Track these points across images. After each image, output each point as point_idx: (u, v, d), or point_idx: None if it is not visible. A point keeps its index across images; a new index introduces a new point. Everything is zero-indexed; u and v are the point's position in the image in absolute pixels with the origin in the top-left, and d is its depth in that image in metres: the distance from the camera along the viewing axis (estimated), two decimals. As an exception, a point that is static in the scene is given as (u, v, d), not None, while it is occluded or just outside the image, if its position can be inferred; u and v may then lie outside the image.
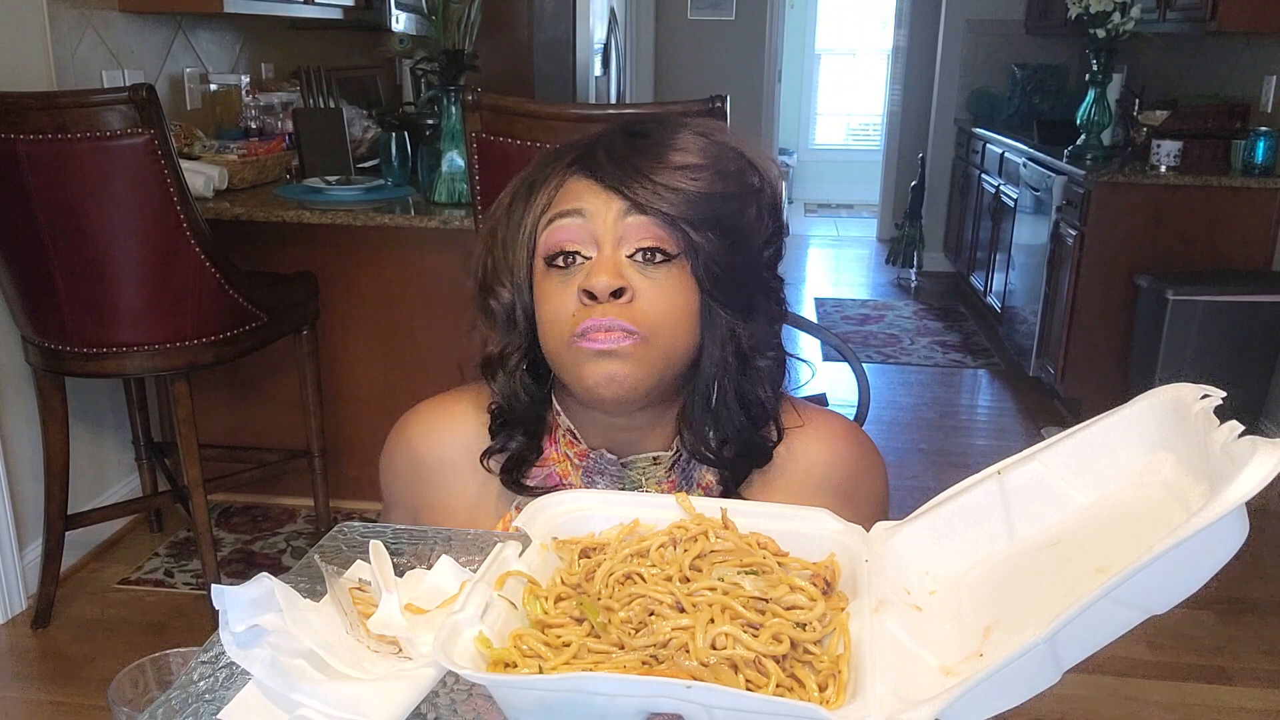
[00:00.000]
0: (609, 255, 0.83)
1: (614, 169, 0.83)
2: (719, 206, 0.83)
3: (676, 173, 0.83)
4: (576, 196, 0.85)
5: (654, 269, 0.83)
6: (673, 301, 0.84)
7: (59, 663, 2.29)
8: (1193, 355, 3.23)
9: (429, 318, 2.73)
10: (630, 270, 0.83)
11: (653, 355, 0.84)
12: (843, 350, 1.41)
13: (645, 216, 0.83)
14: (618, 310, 0.82)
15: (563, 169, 0.88)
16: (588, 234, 0.84)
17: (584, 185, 0.85)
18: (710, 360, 0.88)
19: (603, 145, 0.86)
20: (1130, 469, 0.66)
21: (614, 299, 0.82)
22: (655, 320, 0.83)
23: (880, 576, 0.68)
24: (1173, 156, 3.50)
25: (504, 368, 0.91)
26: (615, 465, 0.92)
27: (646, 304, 0.83)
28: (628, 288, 0.82)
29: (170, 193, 2.10)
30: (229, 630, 0.63)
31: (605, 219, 0.83)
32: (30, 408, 2.41)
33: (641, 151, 0.84)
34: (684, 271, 0.84)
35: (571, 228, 0.84)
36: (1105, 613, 0.54)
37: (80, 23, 2.59)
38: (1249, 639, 2.42)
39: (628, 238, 0.83)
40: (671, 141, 0.85)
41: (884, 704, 0.55)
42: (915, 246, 5.84)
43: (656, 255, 0.83)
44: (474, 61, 2.55)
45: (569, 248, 0.84)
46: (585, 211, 0.84)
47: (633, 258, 0.83)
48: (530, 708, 0.59)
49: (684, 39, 6.40)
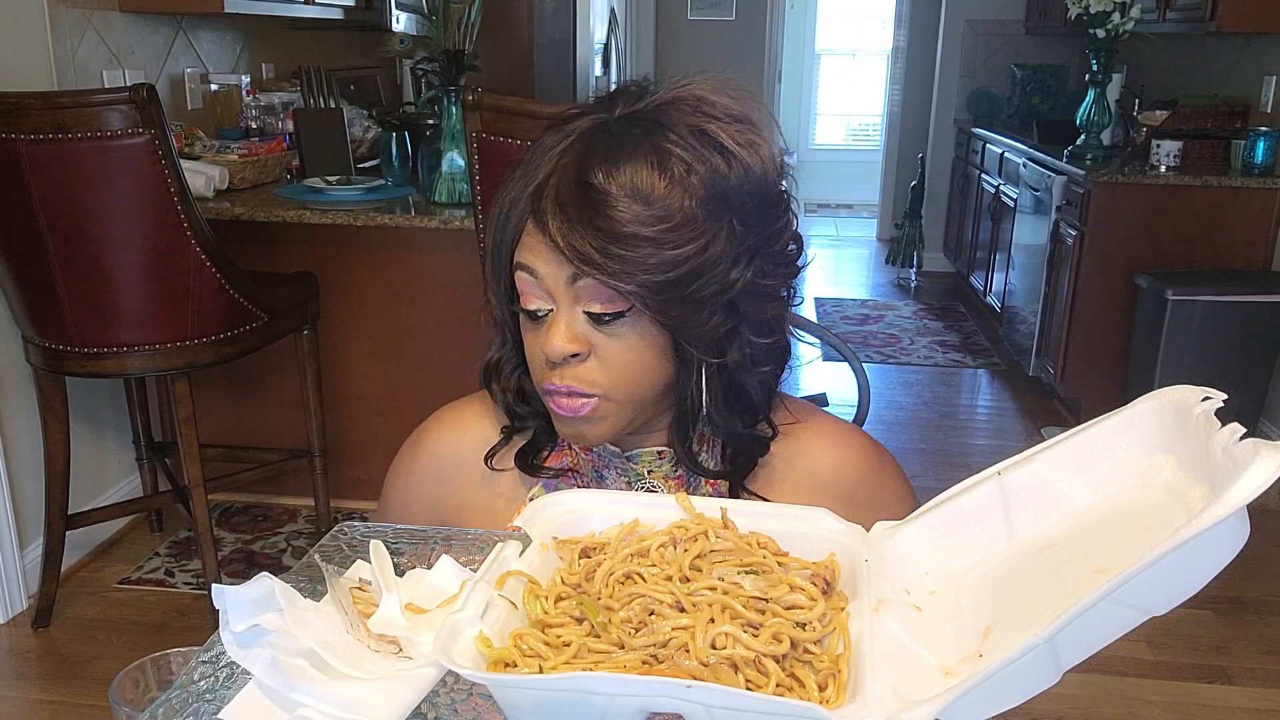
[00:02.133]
0: (564, 316, 0.82)
1: (559, 229, 0.79)
2: (667, 267, 0.79)
3: (617, 240, 0.78)
4: (530, 250, 0.83)
5: (608, 326, 0.83)
6: (631, 354, 0.84)
7: (59, 663, 2.29)
8: (1192, 355, 3.23)
9: (429, 318, 2.73)
10: (585, 327, 0.83)
11: (617, 407, 0.86)
12: (843, 350, 1.41)
13: (589, 280, 0.80)
14: (575, 374, 0.83)
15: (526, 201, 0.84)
16: (543, 290, 0.83)
17: (536, 240, 0.82)
18: (686, 387, 0.87)
19: (550, 194, 0.81)
20: (1131, 470, 0.66)
21: (572, 359, 0.83)
22: (614, 377, 0.84)
23: (880, 576, 0.68)
24: (1172, 156, 3.50)
25: (498, 377, 0.94)
26: (620, 459, 0.94)
27: (605, 360, 0.83)
28: (583, 350, 0.83)
29: (171, 193, 2.10)
30: (229, 630, 0.63)
31: (556, 281, 0.82)
32: (31, 407, 2.41)
33: (587, 209, 0.79)
34: (641, 319, 0.82)
35: (528, 282, 0.84)
36: (1105, 613, 0.54)
37: (80, 23, 2.59)
38: (1249, 639, 2.42)
39: (578, 300, 0.82)
40: (615, 203, 0.79)
41: (884, 704, 0.55)
42: (915, 246, 5.84)
43: (606, 316, 0.82)
44: (474, 61, 2.55)
45: (530, 304, 0.84)
46: (537, 272, 0.83)
47: (588, 311, 0.82)
48: (530, 707, 0.59)
49: (684, 39, 6.40)
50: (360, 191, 2.72)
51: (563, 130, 0.86)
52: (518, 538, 0.73)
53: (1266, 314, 3.21)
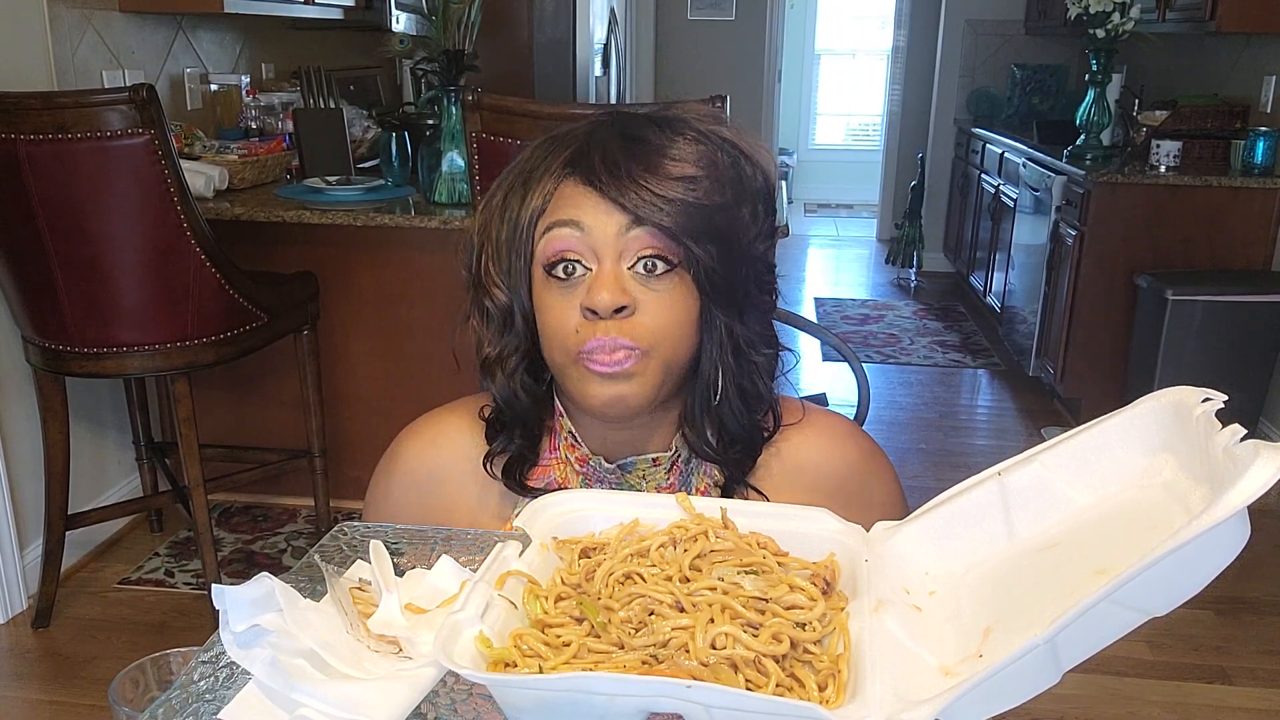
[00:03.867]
0: (610, 269, 0.82)
1: (611, 179, 0.82)
2: (717, 216, 0.83)
3: (675, 183, 0.81)
4: (574, 205, 0.83)
5: (655, 280, 0.83)
6: (675, 312, 0.84)
7: (59, 663, 2.29)
8: (1192, 355, 3.23)
9: (429, 318, 2.73)
10: (631, 283, 0.83)
11: (655, 368, 0.84)
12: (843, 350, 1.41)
13: (645, 228, 0.82)
14: (619, 327, 0.82)
15: (558, 169, 0.86)
16: (587, 246, 0.83)
17: (581, 194, 0.83)
18: (709, 361, 0.88)
19: (598, 150, 0.84)
20: (1131, 471, 0.66)
21: (616, 315, 0.82)
22: (657, 333, 0.83)
23: (880, 576, 0.68)
24: (1172, 156, 3.50)
25: (502, 369, 0.91)
26: (614, 473, 0.92)
27: (649, 317, 0.83)
28: (630, 303, 0.82)
29: (170, 193, 2.10)
30: (229, 630, 0.63)
31: (605, 232, 0.82)
32: (30, 407, 2.41)
33: (638, 159, 0.82)
34: (684, 280, 0.84)
35: (570, 239, 0.83)
36: (1105, 614, 0.54)
37: (80, 23, 2.59)
38: (1249, 639, 2.42)
39: (628, 250, 0.82)
40: (669, 149, 0.83)
41: (884, 704, 0.55)
42: (915, 246, 5.84)
43: (658, 265, 0.83)
44: (474, 61, 2.55)
45: (569, 257, 0.83)
46: (584, 225, 0.82)
47: (633, 269, 0.83)
48: (530, 707, 0.59)
49: (684, 39, 6.40)
50: (360, 191, 2.72)
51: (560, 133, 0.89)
52: (518, 538, 0.73)
53: (1266, 314, 3.20)
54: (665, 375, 0.86)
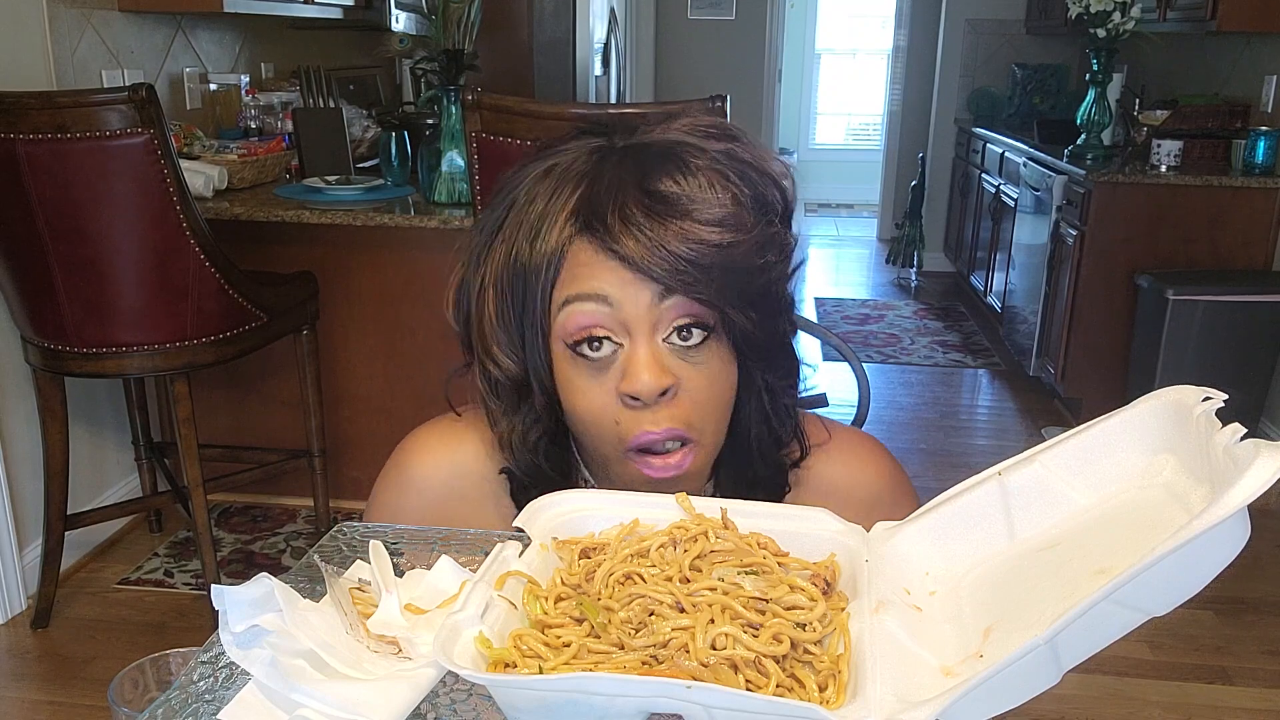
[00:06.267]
0: (645, 348, 0.75)
1: (635, 245, 0.72)
2: (753, 275, 0.75)
3: (707, 248, 0.73)
4: (596, 277, 0.74)
5: (693, 351, 0.76)
6: (718, 386, 0.78)
7: (59, 663, 2.29)
8: (1193, 355, 3.22)
9: (429, 318, 2.73)
10: (670, 359, 0.76)
11: (707, 449, 0.80)
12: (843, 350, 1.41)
13: (678, 297, 0.74)
14: (669, 415, 0.76)
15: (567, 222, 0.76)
16: (616, 321, 0.75)
17: (601, 262, 0.74)
18: (747, 417, 0.84)
19: (612, 206, 0.73)
20: (1131, 471, 0.66)
21: (663, 399, 0.75)
22: (705, 411, 0.78)
23: (880, 576, 0.68)
24: (1173, 156, 3.50)
25: (524, 446, 0.85)
26: None
27: (694, 394, 0.77)
28: (673, 384, 0.75)
29: (170, 193, 2.10)
30: (229, 630, 0.63)
31: (636, 307, 0.74)
32: (30, 408, 2.41)
33: (663, 220, 0.72)
34: (720, 343, 0.78)
35: (596, 314, 0.75)
36: (1106, 614, 0.54)
37: (80, 22, 2.59)
38: (1249, 639, 2.42)
39: (663, 321, 0.75)
40: (694, 207, 0.73)
41: (884, 704, 0.55)
42: (915, 246, 5.85)
43: (694, 332, 0.75)
44: (474, 61, 2.55)
45: (596, 334, 0.75)
46: (612, 300, 0.74)
47: (668, 339, 0.76)
48: (530, 708, 0.59)
49: (684, 39, 6.40)
50: (360, 191, 2.72)
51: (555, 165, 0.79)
52: (517, 538, 0.73)
53: (1267, 314, 3.20)
54: (714, 452, 0.82)
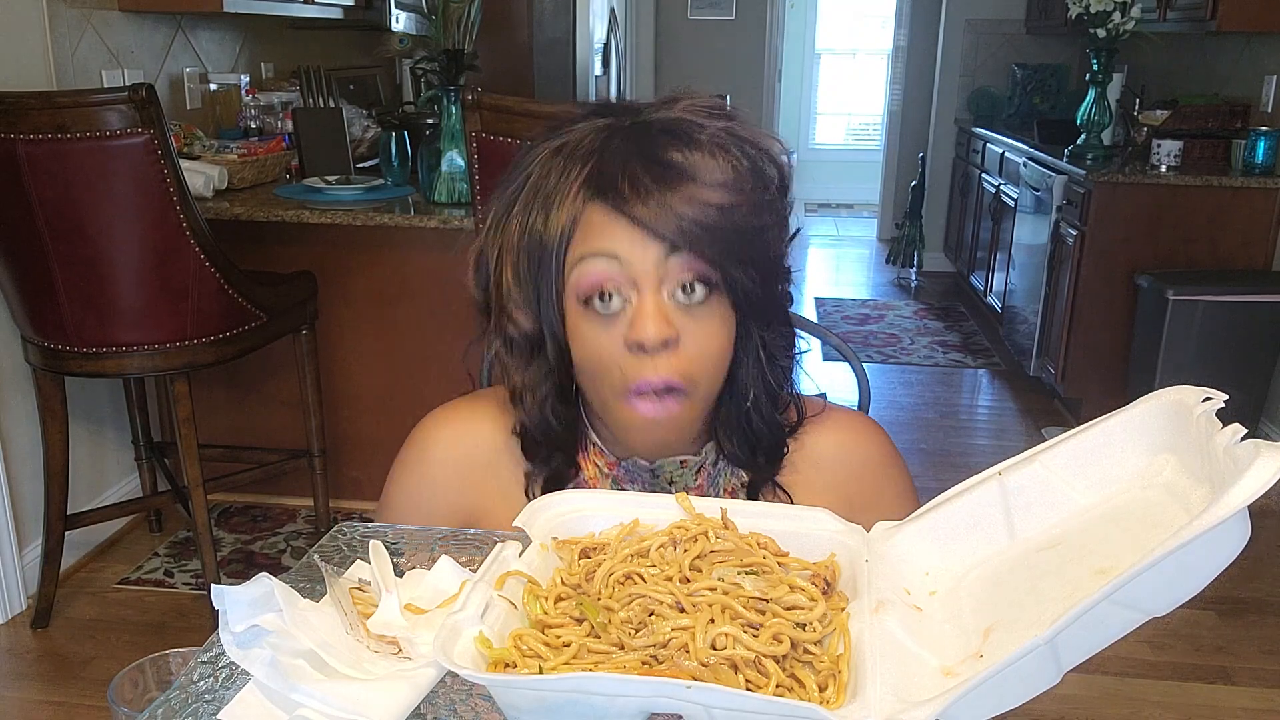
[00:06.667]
0: (651, 300, 0.80)
1: (644, 208, 0.78)
2: (753, 238, 0.82)
3: (710, 209, 0.79)
4: (608, 236, 0.80)
5: (696, 307, 0.82)
6: (718, 339, 0.83)
7: (59, 663, 2.29)
8: (1193, 355, 3.22)
9: (429, 318, 2.73)
10: (674, 312, 0.81)
11: (699, 402, 0.85)
12: (843, 350, 1.41)
13: (683, 254, 0.80)
14: (668, 363, 0.81)
15: (579, 192, 0.82)
16: (625, 277, 0.80)
17: (612, 223, 0.80)
18: (745, 375, 0.88)
19: (621, 172, 0.80)
20: (1132, 471, 0.66)
21: (664, 348, 0.80)
22: (703, 364, 0.83)
23: (880, 576, 0.68)
24: (1173, 156, 3.50)
25: (533, 397, 0.89)
26: (645, 472, 0.92)
27: (694, 348, 0.82)
28: (674, 336, 0.80)
29: (170, 192, 2.10)
30: (229, 630, 0.63)
31: (644, 263, 0.80)
32: (30, 407, 2.41)
33: (670, 185, 0.79)
34: (721, 301, 0.83)
35: (608, 270, 0.80)
36: (1106, 614, 0.54)
37: (80, 22, 2.59)
38: (1250, 639, 2.42)
39: (669, 277, 0.80)
40: (698, 172, 0.80)
41: (884, 704, 0.55)
42: (915, 246, 5.84)
43: (697, 288, 0.81)
44: (474, 61, 2.55)
45: (608, 289, 0.81)
46: (621, 257, 0.80)
47: (673, 295, 0.81)
48: (530, 708, 0.59)
49: (684, 39, 6.40)
50: (359, 191, 2.72)
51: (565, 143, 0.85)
52: (517, 538, 0.73)
53: (1267, 314, 3.20)
54: (706, 404, 0.86)
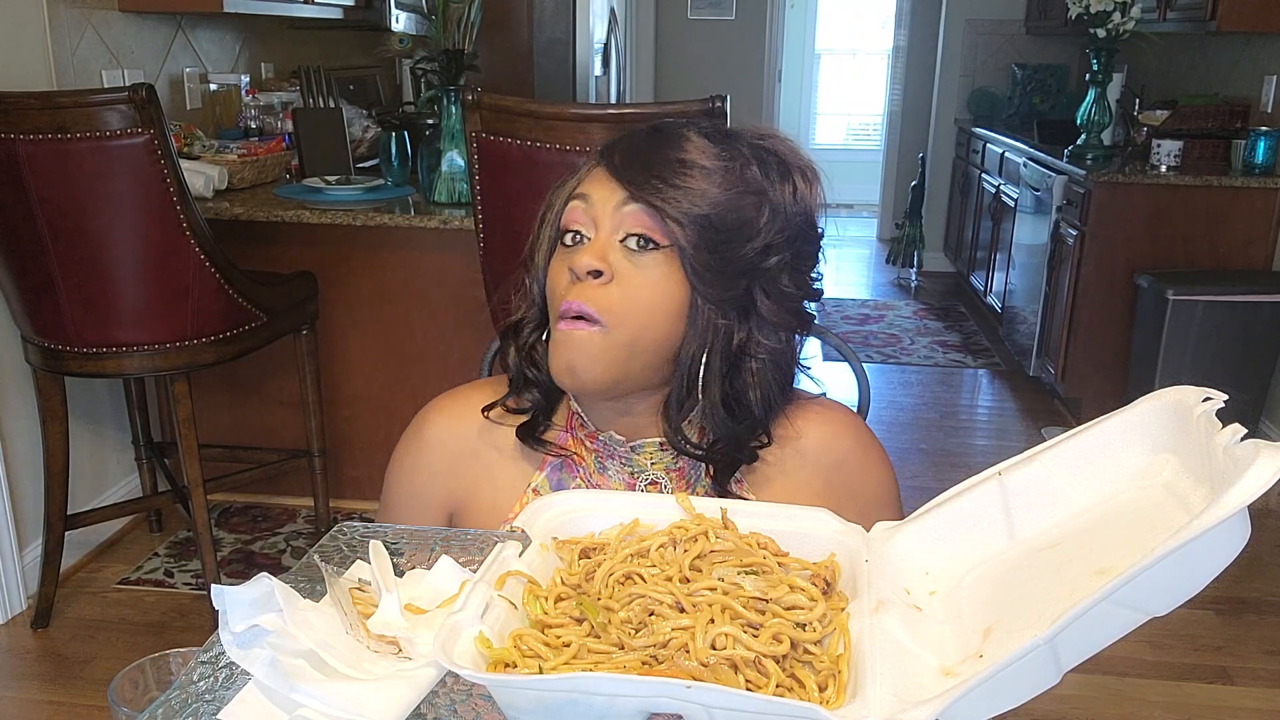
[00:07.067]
0: (601, 238, 0.88)
1: (623, 162, 0.88)
2: (713, 208, 0.86)
3: (675, 168, 0.86)
4: (590, 182, 0.90)
5: (642, 255, 0.87)
6: (654, 290, 0.87)
7: (59, 663, 2.29)
8: (1193, 355, 3.22)
9: (429, 318, 2.73)
10: (618, 255, 0.87)
11: (614, 345, 0.86)
12: (843, 350, 1.41)
13: (639, 205, 0.86)
14: (589, 294, 0.86)
15: (595, 157, 0.92)
16: (589, 217, 0.88)
17: (599, 174, 0.90)
18: (687, 353, 0.89)
19: (625, 138, 0.91)
20: (1132, 471, 0.66)
21: (593, 279, 0.86)
22: (626, 307, 0.86)
23: (880, 576, 0.68)
24: (1173, 156, 3.50)
25: (516, 338, 0.96)
26: (624, 448, 0.94)
27: (622, 290, 0.86)
28: (605, 270, 0.86)
29: (170, 193, 2.10)
30: (229, 630, 0.63)
31: (606, 205, 0.88)
32: (30, 407, 2.41)
33: (653, 146, 0.88)
34: (672, 264, 0.87)
35: (578, 210, 0.89)
36: (1106, 614, 0.54)
37: (80, 22, 2.59)
38: (1250, 639, 2.42)
39: (621, 225, 0.87)
40: (680, 142, 0.88)
41: (884, 704, 0.55)
42: (915, 246, 5.84)
43: (646, 243, 0.86)
44: (474, 61, 2.54)
45: (573, 227, 0.89)
46: (589, 197, 0.89)
47: (624, 243, 0.87)
48: (530, 708, 0.59)
49: (684, 39, 6.39)
50: (360, 191, 2.72)
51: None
52: (517, 538, 0.73)
53: (1266, 314, 3.20)
54: (627, 354, 0.87)
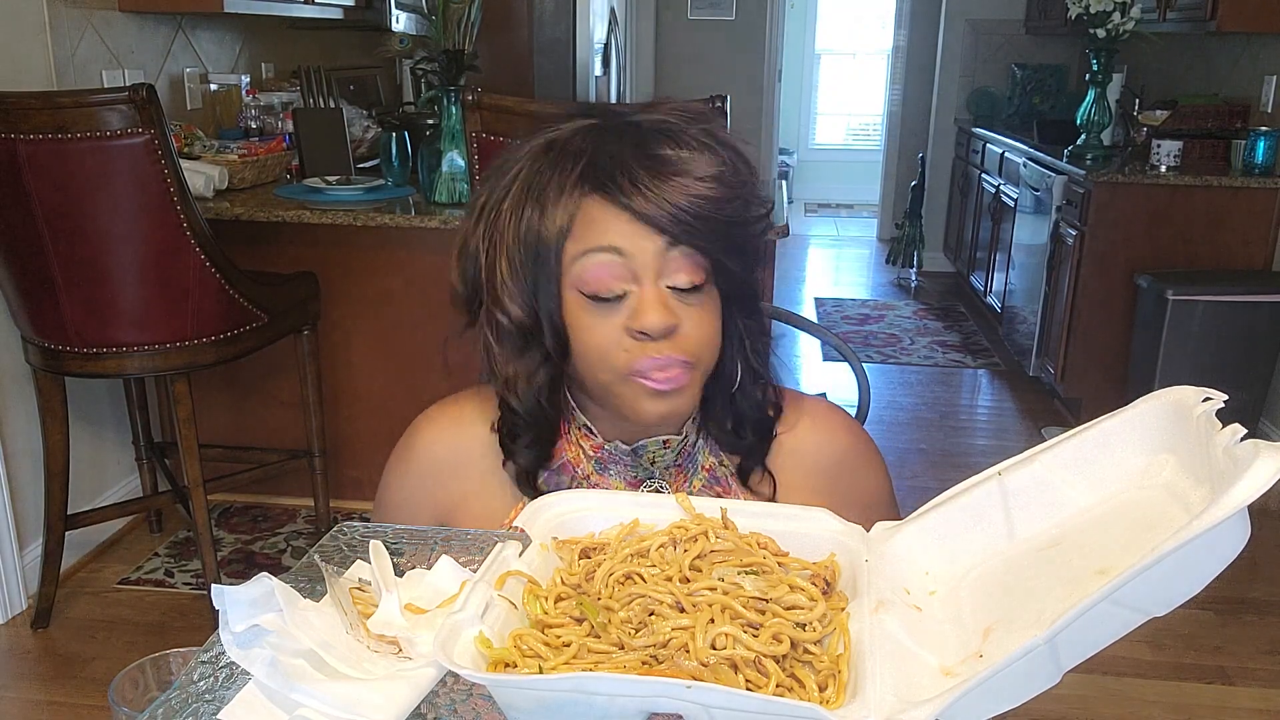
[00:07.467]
0: (652, 291, 0.84)
1: (644, 201, 0.82)
2: (742, 230, 0.87)
3: (706, 203, 0.83)
4: (610, 231, 0.83)
5: (691, 294, 0.86)
6: (712, 326, 0.88)
7: (59, 663, 2.29)
8: (1193, 355, 3.22)
9: (429, 318, 2.73)
10: (673, 301, 0.85)
11: (699, 379, 0.89)
12: (843, 350, 1.41)
13: (682, 248, 0.84)
14: (672, 346, 0.85)
15: (575, 186, 0.84)
16: (628, 270, 0.84)
17: (612, 217, 0.83)
18: (730, 358, 0.93)
19: (618, 167, 0.83)
20: (1131, 471, 0.66)
21: (667, 334, 0.85)
22: (700, 348, 0.87)
23: (880, 576, 0.68)
24: (1173, 156, 3.50)
25: (529, 385, 0.91)
26: (627, 454, 0.95)
27: (693, 332, 0.86)
28: (677, 323, 0.85)
29: (170, 193, 2.10)
30: (229, 630, 0.63)
31: (645, 255, 0.83)
32: (30, 408, 2.41)
33: (666, 179, 0.82)
34: (712, 291, 0.88)
35: (613, 266, 0.84)
36: (1106, 614, 0.54)
37: (80, 22, 2.59)
38: (1249, 639, 2.42)
39: (667, 270, 0.84)
40: (690, 167, 0.83)
41: (884, 704, 0.55)
42: (915, 246, 5.84)
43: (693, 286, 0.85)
44: (474, 61, 2.55)
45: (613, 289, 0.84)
46: (624, 250, 0.83)
47: (671, 285, 0.85)
48: (530, 708, 0.59)
49: (684, 39, 6.39)
50: (360, 191, 2.72)
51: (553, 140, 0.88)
52: (517, 538, 0.73)
53: (1266, 314, 3.20)
54: (703, 382, 0.90)
